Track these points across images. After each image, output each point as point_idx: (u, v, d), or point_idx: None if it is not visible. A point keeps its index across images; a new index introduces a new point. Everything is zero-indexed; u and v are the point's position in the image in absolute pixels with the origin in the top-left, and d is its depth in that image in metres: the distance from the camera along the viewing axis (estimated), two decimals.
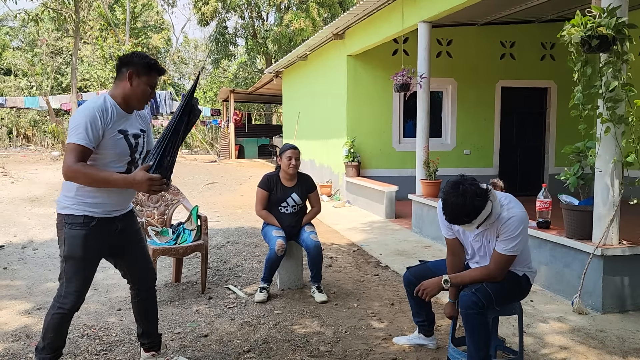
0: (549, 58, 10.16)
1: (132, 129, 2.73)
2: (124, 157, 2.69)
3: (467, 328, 2.70)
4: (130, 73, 2.63)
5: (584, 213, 4.11)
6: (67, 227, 2.66)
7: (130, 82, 2.64)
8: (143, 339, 3.05)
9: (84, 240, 2.66)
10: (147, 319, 3.03)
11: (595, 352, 3.28)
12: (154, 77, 2.68)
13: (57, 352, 2.79)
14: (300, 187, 4.51)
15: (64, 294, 2.71)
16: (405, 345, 3.36)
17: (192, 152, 28.26)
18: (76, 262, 2.69)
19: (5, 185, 11.34)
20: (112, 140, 2.61)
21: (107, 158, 2.63)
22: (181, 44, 38.89)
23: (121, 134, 2.65)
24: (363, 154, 9.68)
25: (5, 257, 5.70)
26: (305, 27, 20.66)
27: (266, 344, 3.42)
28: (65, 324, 2.77)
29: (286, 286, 4.61)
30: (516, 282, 2.81)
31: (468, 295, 2.68)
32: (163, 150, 2.56)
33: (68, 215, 2.66)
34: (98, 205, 2.67)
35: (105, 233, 2.74)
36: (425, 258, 5.70)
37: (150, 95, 2.71)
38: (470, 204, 2.59)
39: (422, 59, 6.90)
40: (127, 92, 2.66)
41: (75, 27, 19.41)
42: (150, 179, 2.52)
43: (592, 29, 3.60)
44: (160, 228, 4.61)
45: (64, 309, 2.71)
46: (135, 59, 2.65)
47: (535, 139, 10.46)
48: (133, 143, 2.71)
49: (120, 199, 2.76)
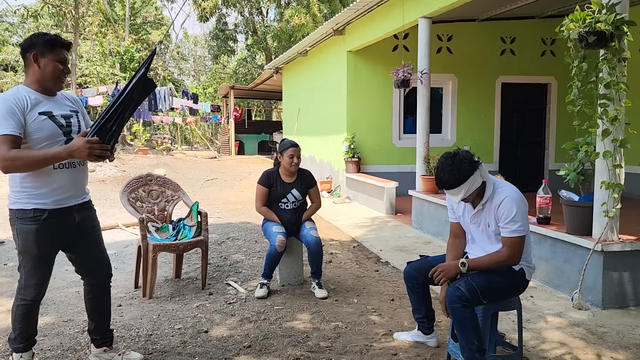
0: (549, 54, 10.14)
1: (59, 110, 2.68)
2: (57, 137, 2.62)
3: (455, 322, 2.73)
4: (35, 55, 2.58)
5: (584, 209, 4.11)
6: (19, 222, 2.64)
7: (38, 64, 2.59)
8: (94, 335, 3.01)
9: (36, 236, 2.62)
10: (100, 314, 2.99)
11: (595, 348, 3.28)
12: (59, 52, 2.62)
13: (29, 341, 2.82)
14: (300, 183, 4.50)
15: (24, 286, 2.73)
16: (406, 341, 3.36)
17: (192, 149, 28.25)
18: (31, 257, 2.68)
19: (5, 182, 11.34)
20: (35, 123, 2.56)
21: (39, 143, 2.57)
22: (181, 40, 38.85)
23: (44, 115, 2.60)
24: (363, 150, 9.68)
25: (6, 253, 5.71)
26: (305, 23, 20.62)
27: (266, 339, 3.42)
28: (31, 314, 2.78)
29: (286, 282, 4.61)
30: (508, 275, 2.80)
31: (451, 290, 2.69)
32: (106, 119, 2.49)
33: (18, 210, 2.63)
34: (46, 195, 2.62)
35: (60, 226, 2.69)
36: (425, 254, 5.72)
37: (63, 72, 2.65)
38: (458, 167, 2.70)
39: (422, 55, 6.89)
40: (38, 75, 2.62)
41: (74, 23, 19.38)
42: (89, 142, 2.45)
43: (590, 24, 3.59)
44: (161, 224, 4.61)
45: (27, 301, 2.73)
46: (35, 39, 2.60)
47: (536, 135, 10.45)
48: (63, 123, 2.66)
49: (67, 185, 2.69)
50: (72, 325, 3.64)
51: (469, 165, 2.72)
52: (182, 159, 18.59)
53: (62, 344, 3.32)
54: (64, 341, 3.37)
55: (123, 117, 2.53)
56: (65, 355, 3.18)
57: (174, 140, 27.24)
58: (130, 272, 4.74)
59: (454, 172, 2.71)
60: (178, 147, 26.59)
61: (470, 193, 2.76)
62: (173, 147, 24.97)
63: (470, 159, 2.74)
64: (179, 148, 26.38)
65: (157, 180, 4.71)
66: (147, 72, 2.54)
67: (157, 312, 3.92)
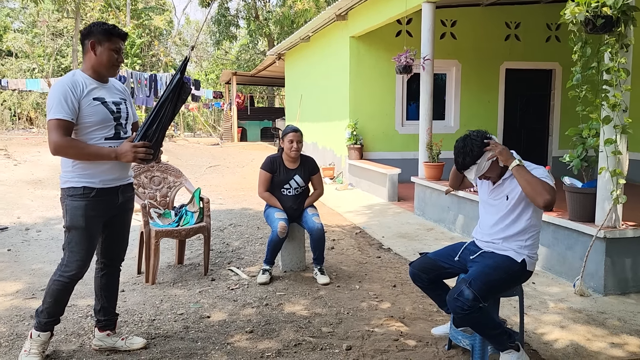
0: (554, 39, 10.04)
1: (111, 97, 2.84)
2: (107, 122, 2.79)
3: (469, 326, 2.74)
4: (93, 43, 2.73)
5: (587, 195, 4.10)
6: (68, 200, 2.78)
7: (94, 51, 2.74)
8: (100, 316, 3.08)
9: (84, 211, 2.76)
10: (108, 294, 3.07)
11: (596, 333, 3.29)
12: (115, 41, 2.76)
13: (54, 318, 2.89)
14: (303, 169, 4.50)
15: (66, 262, 2.82)
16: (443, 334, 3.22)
17: (194, 135, 28.24)
18: (78, 233, 2.79)
19: (8, 168, 11.36)
20: (89, 108, 2.72)
21: (91, 126, 2.73)
22: (183, 25, 38.60)
23: (98, 101, 2.75)
24: (366, 137, 9.65)
25: (9, 239, 5.73)
26: (308, 9, 20.44)
27: (268, 324, 3.44)
28: (65, 292, 2.85)
29: (288, 268, 4.63)
30: (508, 272, 2.77)
31: (451, 300, 2.66)
32: (148, 124, 2.73)
33: (69, 188, 2.78)
34: (95, 175, 2.77)
35: (106, 204, 2.84)
36: (427, 240, 5.74)
37: (117, 61, 2.80)
38: (470, 148, 2.78)
39: (425, 41, 6.83)
40: (94, 62, 2.76)
41: (75, 8, 19.26)
42: (134, 146, 2.69)
43: (598, 7, 3.54)
44: (163, 210, 4.61)
45: (65, 277, 2.81)
46: (94, 28, 2.75)
47: (540, 121, 10.40)
48: (114, 109, 2.82)
49: (114, 167, 2.83)
50: (75, 310, 3.66)
51: (480, 142, 2.79)
52: (184, 146, 18.60)
53: (66, 329, 3.34)
54: (68, 326, 3.39)
55: (164, 122, 2.77)
56: (69, 339, 3.20)
57: (177, 127, 27.21)
58: (133, 258, 4.76)
59: (467, 151, 2.79)
60: (181, 134, 26.57)
61: (483, 172, 2.81)
62: (176, 133, 24.96)
63: (481, 136, 2.82)
64: (181, 135, 26.36)
65: (159, 167, 4.71)
66: (182, 78, 2.76)
67: (159, 297, 3.94)
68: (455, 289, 2.71)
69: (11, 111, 29.73)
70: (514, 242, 2.83)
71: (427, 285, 3.06)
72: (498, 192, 2.89)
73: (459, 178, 3.23)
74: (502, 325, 2.78)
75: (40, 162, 12.16)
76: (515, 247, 2.82)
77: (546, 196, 2.65)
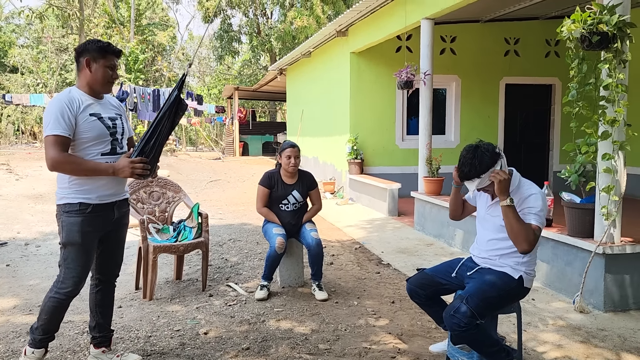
0: (553, 55, 10.09)
1: (106, 113, 2.87)
2: (104, 138, 2.82)
3: (466, 343, 2.72)
4: (88, 60, 2.77)
5: (586, 211, 4.08)
6: (64, 216, 2.80)
7: (90, 68, 2.78)
8: (95, 332, 3.07)
9: (81, 227, 2.77)
10: (103, 310, 3.06)
11: (596, 351, 3.26)
12: (110, 59, 2.81)
13: (49, 335, 2.89)
14: (301, 184, 4.50)
15: (62, 279, 2.82)
16: (441, 352, 3.20)
17: (196, 150, 28.31)
18: (74, 249, 2.79)
19: (10, 182, 11.39)
20: (86, 124, 2.75)
21: (88, 142, 2.76)
22: (186, 41, 38.94)
23: (94, 117, 2.79)
24: (366, 151, 9.66)
25: (8, 254, 5.73)
26: (308, 25, 20.63)
27: (265, 341, 3.42)
28: (61, 309, 2.85)
29: (287, 284, 4.60)
30: (505, 289, 2.75)
31: (448, 318, 2.65)
32: (145, 140, 2.75)
33: (65, 204, 2.80)
34: (91, 191, 2.79)
35: (103, 220, 2.86)
36: (426, 255, 5.71)
37: (112, 77, 2.83)
38: (480, 159, 2.73)
39: (425, 56, 6.87)
40: (90, 79, 2.80)
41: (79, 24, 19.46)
42: (132, 162, 2.72)
43: (593, 25, 3.56)
44: (161, 225, 4.61)
45: (61, 294, 2.80)
46: (89, 45, 2.79)
47: (540, 136, 10.40)
48: (110, 125, 2.86)
49: (110, 183, 2.85)
50: (71, 326, 3.65)
51: (490, 158, 2.75)
52: (186, 160, 18.65)
53: (62, 345, 3.33)
54: (64, 342, 3.37)
55: (161, 138, 2.79)
56: (64, 356, 3.18)
57: (179, 141, 27.31)
58: (131, 274, 4.75)
59: (475, 163, 2.74)
60: (183, 148, 26.65)
61: (484, 186, 2.78)
62: (177, 148, 25.04)
63: (492, 151, 2.78)
64: (183, 149, 26.44)
65: (158, 182, 4.71)
66: (179, 94, 2.80)
67: (157, 313, 3.92)
68: (452, 306, 2.69)
69: (15, 126, 29.90)
70: (511, 259, 2.81)
71: (425, 301, 3.04)
72: (496, 208, 2.88)
73: (460, 205, 3.17)
74: (500, 342, 2.77)
75: (42, 177, 12.19)
76: (512, 263, 2.81)
77: (524, 246, 2.66)
